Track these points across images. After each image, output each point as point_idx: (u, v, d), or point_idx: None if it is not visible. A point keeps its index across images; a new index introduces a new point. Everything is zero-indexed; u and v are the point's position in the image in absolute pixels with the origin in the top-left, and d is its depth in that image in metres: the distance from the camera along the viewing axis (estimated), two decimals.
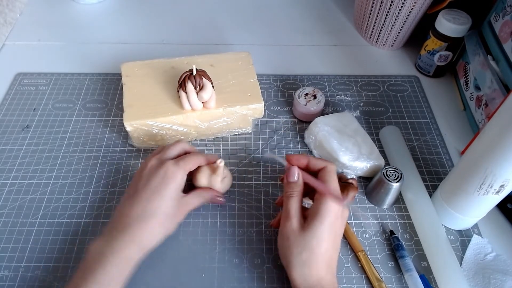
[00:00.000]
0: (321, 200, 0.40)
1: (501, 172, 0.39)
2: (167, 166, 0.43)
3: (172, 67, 0.57)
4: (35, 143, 0.56)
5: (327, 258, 0.39)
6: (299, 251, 0.39)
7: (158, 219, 0.41)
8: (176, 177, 0.43)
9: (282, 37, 0.74)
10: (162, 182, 0.42)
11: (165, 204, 0.42)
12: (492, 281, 0.44)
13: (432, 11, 0.64)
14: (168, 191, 0.42)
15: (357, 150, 0.52)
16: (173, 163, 0.44)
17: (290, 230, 0.40)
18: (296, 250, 0.39)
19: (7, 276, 0.44)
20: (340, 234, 0.42)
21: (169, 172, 0.43)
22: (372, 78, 0.67)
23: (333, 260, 0.40)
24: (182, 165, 0.44)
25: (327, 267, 0.39)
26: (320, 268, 0.39)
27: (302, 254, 0.39)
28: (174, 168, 0.43)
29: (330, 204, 0.40)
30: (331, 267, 0.40)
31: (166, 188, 0.42)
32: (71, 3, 0.79)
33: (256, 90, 0.55)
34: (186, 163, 0.45)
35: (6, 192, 0.50)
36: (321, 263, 0.39)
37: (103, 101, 0.61)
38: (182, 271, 0.45)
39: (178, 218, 0.44)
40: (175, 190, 0.43)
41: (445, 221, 0.48)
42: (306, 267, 0.38)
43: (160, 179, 0.43)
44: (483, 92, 0.56)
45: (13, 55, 0.69)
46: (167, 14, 0.78)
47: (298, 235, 0.39)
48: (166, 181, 0.42)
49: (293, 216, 0.40)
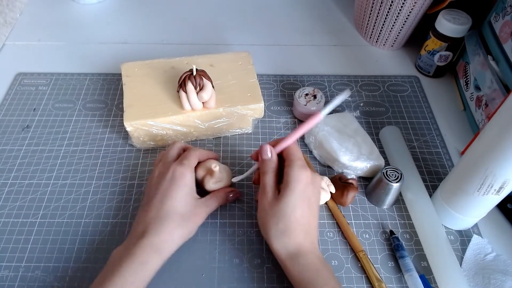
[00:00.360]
0: (289, 170, 0.42)
1: (501, 172, 0.39)
2: (173, 167, 0.44)
3: (172, 67, 0.57)
4: (35, 143, 0.56)
5: (304, 224, 0.40)
6: (275, 221, 0.40)
7: (172, 220, 0.41)
8: (184, 176, 0.43)
9: (282, 37, 0.74)
10: (171, 183, 0.43)
11: (178, 204, 0.42)
12: (492, 281, 0.44)
13: (432, 11, 0.64)
14: (179, 191, 0.43)
15: (357, 150, 0.52)
16: (177, 163, 0.44)
17: (266, 202, 0.41)
18: (272, 221, 0.40)
19: (7, 276, 0.44)
20: (316, 201, 0.43)
21: (177, 172, 0.43)
22: (372, 78, 0.67)
23: (311, 226, 0.41)
24: (187, 163, 0.45)
25: (305, 233, 0.40)
26: (298, 235, 0.40)
27: (279, 224, 0.40)
28: (180, 168, 0.44)
29: (299, 172, 0.41)
30: (310, 233, 0.41)
31: (176, 188, 0.43)
32: (71, 3, 0.79)
33: (256, 90, 0.55)
34: (189, 160, 0.45)
35: (6, 192, 0.50)
36: (298, 230, 0.40)
37: (103, 101, 0.61)
38: (182, 271, 0.45)
39: (197, 220, 0.44)
40: (186, 189, 0.43)
41: (445, 221, 0.48)
42: (285, 236, 0.40)
43: (169, 181, 0.43)
44: (483, 92, 0.56)
45: (13, 55, 0.69)
46: (167, 14, 0.78)
47: (273, 206, 0.40)
48: (175, 181, 0.43)
49: (268, 191, 0.42)
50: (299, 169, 0.42)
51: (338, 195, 0.49)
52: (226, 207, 0.50)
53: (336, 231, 0.48)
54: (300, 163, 0.42)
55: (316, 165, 0.54)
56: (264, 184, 0.42)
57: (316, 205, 0.43)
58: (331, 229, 0.49)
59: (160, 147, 0.56)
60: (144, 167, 0.53)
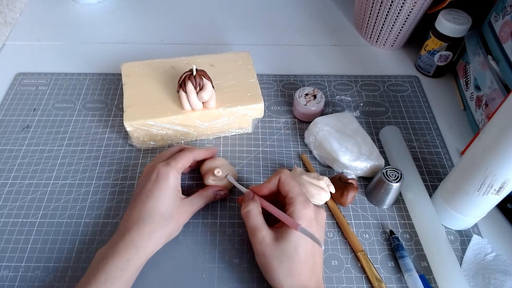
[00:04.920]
0: (291, 208, 0.40)
1: (501, 172, 0.39)
2: (158, 168, 0.44)
3: (172, 67, 0.57)
4: (35, 143, 0.56)
5: (308, 263, 0.39)
6: (279, 262, 0.38)
7: (154, 220, 0.41)
8: (168, 177, 0.43)
9: (282, 37, 0.74)
10: (154, 184, 0.43)
11: (160, 204, 0.42)
12: (492, 281, 0.44)
13: (432, 11, 0.64)
14: (161, 191, 0.43)
15: (357, 150, 0.52)
16: (163, 164, 0.44)
17: (264, 245, 0.40)
18: (276, 263, 0.39)
19: (7, 276, 0.44)
20: (320, 237, 0.41)
21: (161, 173, 0.43)
22: (372, 78, 0.66)
23: (317, 265, 0.40)
24: (173, 164, 0.44)
25: (310, 273, 0.39)
26: (303, 275, 0.38)
27: (283, 265, 0.38)
28: (164, 168, 0.44)
29: (301, 209, 0.40)
30: (315, 272, 0.40)
31: (158, 188, 0.43)
32: (71, 3, 0.79)
33: (256, 90, 0.55)
34: (177, 161, 0.45)
35: (6, 192, 0.50)
36: (303, 270, 0.39)
37: (103, 101, 0.61)
38: (182, 271, 0.45)
39: (180, 220, 0.44)
40: (168, 190, 0.43)
41: (445, 221, 0.48)
42: (289, 277, 0.38)
43: (153, 181, 0.43)
44: (483, 92, 0.56)
45: (13, 55, 0.69)
46: (167, 14, 0.78)
47: (274, 247, 0.39)
48: (158, 182, 0.43)
49: (261, 230, 0.40)
50: (301, 205, 0.40)
51: (338, 195, 0.49)
52: (226, 207, 0.50)
53: (336, 231, 0.48)
54: (301, 198, 0.41)
55: (316, 165, 0.54)
56: (254, 227, 0.41)
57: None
58: (331, 229, 0.49)
59: (160, 147, 0.56)
60: (144, 167, 0.53)
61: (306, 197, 0.42)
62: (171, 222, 0.43)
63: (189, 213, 0.45)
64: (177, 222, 0.43)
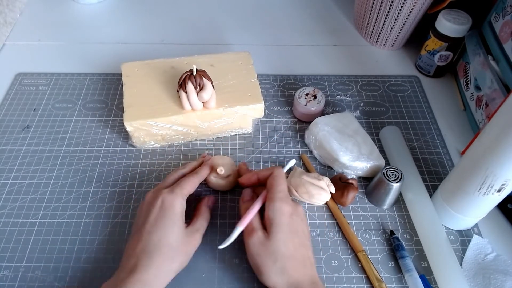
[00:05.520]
0: (270, 205, 0.41)
1: (501, 172, 0.39)
2: (162, 196, 0.42)
3: (172, 67, 0.57)
4: (35, 143, 0.56)
5: (298, 258, 0.39)
6: (273, 261, 0.39)
7: (162, 253, 0.39)
8: (174, 205, 0.41)
9: (282, 37, 0.74)
10: (160, 213, 0.41)
11: (168, 235, 0.40)
12: (492, 282, 0.44)
13: (432, 11, 0.64)
14: (167, 220, 0.40)
15: (357, 150, 0.52)
16: (168, 191, 0.42)
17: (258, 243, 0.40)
18: (269, 262, 0.39)
19: (7, 276, 0.44)
20: (304, 231, 0.42)
21: (166, 201, 0.41)
22: (372, 78, 0.66)
23: (307, 259, 0.40)
24: (178, 191, 0.42)
25: (303, 267, 0.39)
26: (295, 270, 0.39)
27: (276, 264, 0.39)
28: (170, 196, 0.42)
29: (280, 206, 0.41)
30: (307, 266, 0.40)
31: (164, 218, 0.40)
32: (71, 3, 0.79)
33: (256, 90, 0.55)
34: (182, 188, 0.43)
35: (6, 192, 0.50)
36: (296, 266, 0.39)
37: (103, 101, 0.61)
38: (182, 271, 0.44)
39: (188, 249, 0.41)
40: (175, 218, 0.41)
41: (445, 221, 0.48)
42: (284, 275, 0.38)
43: (158, 210, 0.41)
44: (483, 92, 0.56)
45: (13, 55, 0.69)
46: (167, 14, 0.78)
47: (268, 246, 0.40)
48: (164, 211, 0.41)
49: (257, 231, 0.41)
50: (280, 202, 0.41)
51: (338, 195, 0.49)
52: (226, 207, 0.50)
53: (336, 231, 0.48)
54: (280, 195, 0.42)
55: (316, 165, 0.54)
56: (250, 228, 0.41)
57: (305, 235, 0.42)
58: (331, 229, 0.49)
59: (161, 147, 0.56)
60: (144, 167, 0.53)
61: (287, 194, 0.43)
62: (180, 254, 0.40)
63: (197, 241, 0.43)
64: (186, 252, 0.41)
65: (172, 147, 0.56)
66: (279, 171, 0.45)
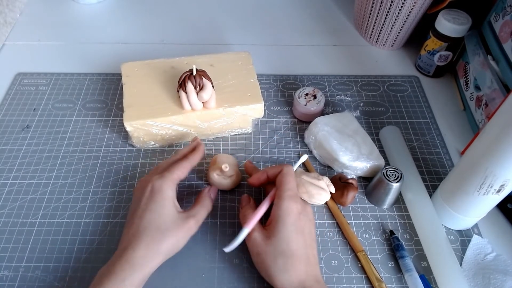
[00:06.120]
0: (278, 203, 0.41)
1: (501, 172, 0.39)
2: (152, 181, 0.42)
3: (172, 67, 0.57)
4: (35, 143, 0.56)
5: (302, 257, 0.39)
6: (273, 259, 0.39)
7: (150, 234, 0.39)
8: (162, 189, 0.42)
9: (282, 37, 0.74)
10: (150, 198, 0.41)
11: (155, 217, 0.40)
12: (492, 281, 0.44)
13: (432, 11, 0.64)
14: (156, 204, 0.41)
15: (357, 150, 0.52)
16: (158, 177, 0.43)
17: (256, 244, 0.40)
18: (270, 260, 0.39)
19: (7, 276, 0.44)
20: (310, 231, 0.42)
21: (155, 186, 0.42)
22: (372, 78, 0.67)
23: (311, 258, 0.40)
24: (168, 176, 0.43)
25: (305, 266, 0.39)
26: (298, 269, 0.39)
27: (277, 261, 0.39)
28: (159, 181, 0.42)
29: (288, 204, 0.40)
30: (310, 265, 0.40)
31: (153, 202, 0.41)
32: (71, 3, 0.79)
33: (256, 90, 0.55)
34: (171, 173, 0.43)
35: (6, 192, 0.50)
36: (298, 264, 0.39)
37: (103, 101, 0.61)
38: (182, 271, 0.45)
39: (179, 234, 0.41)
40: (164, 202, 0.41)
41: (445, 221, 0.48)
42: (286, 273, 0.38)
43: (148, 195, 0.42)
44: (483, 92, 0.56)
45: (13, 55, 0.69)
46: (167, 14, 0.78)
47: (266, 245, 0.40)
48: (153, 196, 0.41)
49: (253, 231, 0.41)
50: (289, 200, 0.41)
51: (338, 195, 0.49)
52: (226, 207, 0.50)
53: (336, 231, 0.48)
54: (289, 193, 0.41)
55: (316, 165, 0.54)
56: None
57: (311, 235, 0.42)
58: (331, 229, 0.49)
59: (161, 147, 0.56)
60: (144, 167, 0.53)
61: (296, 193, 0.42)
62: (169, 236, 0.40)
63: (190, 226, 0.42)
64: (177, 236, 0.41)
65: (172, 147, 0.56)
66: (288, 168, 0.44)
